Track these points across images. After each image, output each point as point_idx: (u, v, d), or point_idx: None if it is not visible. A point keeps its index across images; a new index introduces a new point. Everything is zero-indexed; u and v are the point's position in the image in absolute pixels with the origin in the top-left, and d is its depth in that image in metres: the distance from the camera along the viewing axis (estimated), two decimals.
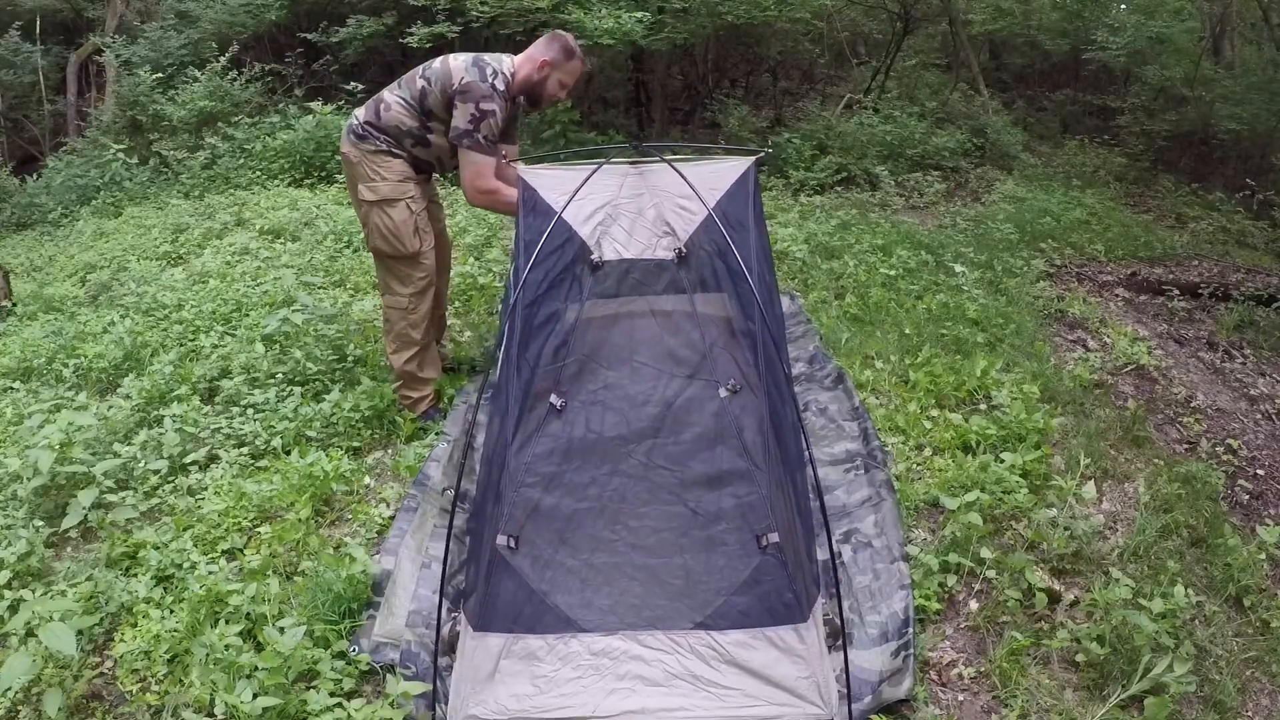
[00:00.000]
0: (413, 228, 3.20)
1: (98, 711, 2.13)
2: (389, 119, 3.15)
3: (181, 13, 9.99)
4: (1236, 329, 5.25)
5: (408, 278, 3.27)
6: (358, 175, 3.21)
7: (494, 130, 3.05)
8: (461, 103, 2.99)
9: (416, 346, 3.35)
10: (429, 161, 3.31)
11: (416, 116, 3.14)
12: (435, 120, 3.14)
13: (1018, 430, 3.34)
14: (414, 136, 3.17)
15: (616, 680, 2.04)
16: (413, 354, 3.36)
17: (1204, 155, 10.30)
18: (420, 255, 3.26)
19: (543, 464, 2.18)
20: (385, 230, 3.18)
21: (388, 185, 3.17)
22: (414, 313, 3.31)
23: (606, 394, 2.22)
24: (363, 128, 3.18)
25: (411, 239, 3.21)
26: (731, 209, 2.42)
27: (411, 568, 2.52)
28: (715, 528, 2.12)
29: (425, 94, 3.10)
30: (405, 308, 3.29)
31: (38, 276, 6.12)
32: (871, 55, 12.88)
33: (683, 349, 2.25)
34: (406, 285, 3.28)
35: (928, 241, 6.08)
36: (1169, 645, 2.27)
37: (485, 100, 2.97)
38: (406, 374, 3.39)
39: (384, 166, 3.17)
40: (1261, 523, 3.12)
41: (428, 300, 3.35)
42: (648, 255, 2.28)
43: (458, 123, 3.02)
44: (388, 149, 3.17)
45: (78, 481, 2.94)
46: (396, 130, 3.16)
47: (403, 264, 3.26)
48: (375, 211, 3.18)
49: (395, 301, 3.31)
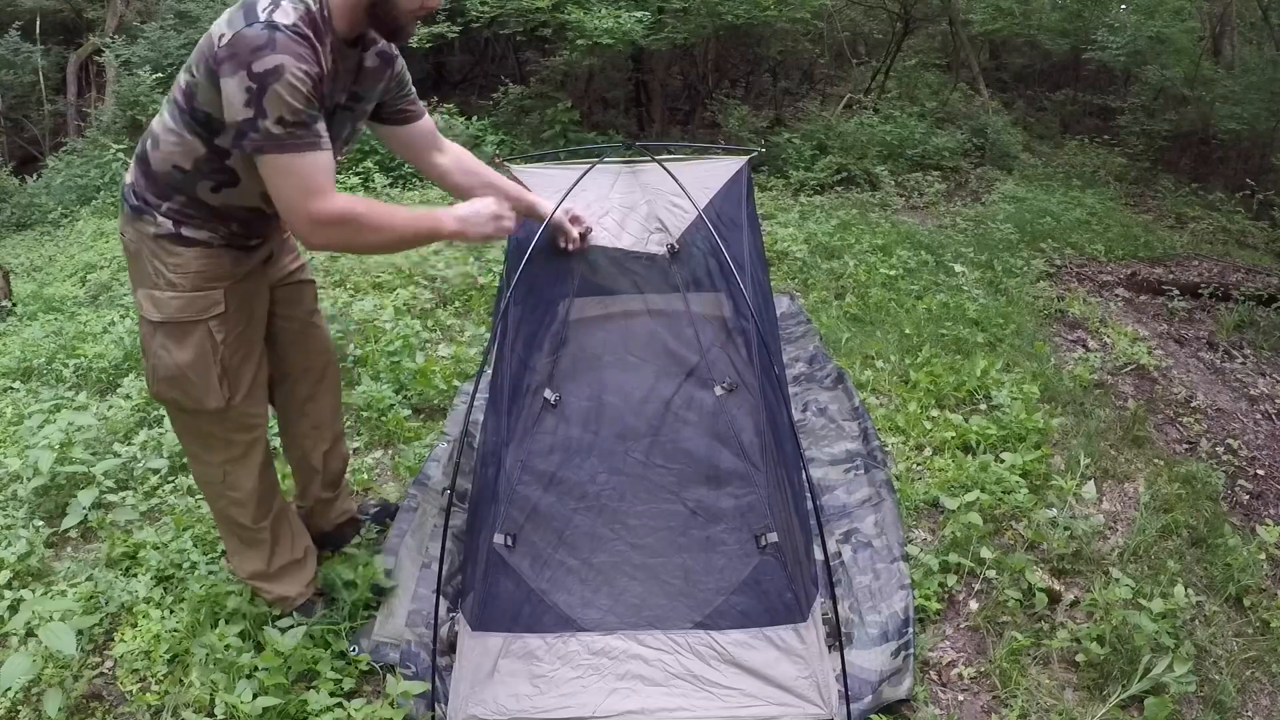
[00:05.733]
0: (217, 370, 1.97)
1: (98, 711, 2.13)
2: (161, 163, 1.86)
3: (181, 13, 9.98)
4: (1236, 329, 5.25)
5: (215, 440, 2.08)
6: (136, 274, 1.97)
7: (302, 102, 1.67)
8: (227, 76, 1.65)
9: (256, 544, 2.22)
10: (257, 214, 1.96)
11: (196, 134, 1.82)
12: (224, 128, 1.77)
13: (1018, 430, 3.34)
14: (209, 175, 1.86)
15: (616, 680, 2.04)
16: (255, 556, 2.24)
17: (1204, 155, 10.30)
18: (232, 409, 2.03)
19: (540, 463, 2.18)
20: (171, 372, 1.97)
21: (176, 298, 1.91)
22: (235, 489, 2.13)
23: (604, 393, 2.22)
24: (135, 190, 1.92)
25: (213, 389, 1.98)
26: (724, 209, 2.42)
27: (411, 567, 2.51)
28: (714, 527, 2.12)
29: (193, 92, 1.79)
30: (220, 481, 2.13)
31: (38, 276, 6.11)
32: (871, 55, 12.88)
33: (680, 348, 2.24)
34: (214, 450, 2.10)
35: (928, 241, 6.08)
36: (1169, 645, 2.27)
37: (260, 54, 1.63)
38: (256, 585, 2.29)
39: (171, 261, 1.90)
40: (1261, 523, 3.12)
41: (254, 467, 2.13)
42: (639, 249, 2.26)
43: (231, 114, 1.68)
44: (173, 227, 1.88)
45: (78, 481, 2.94)
46: (178, 180, 1.86)
47: (206, 422, 2.06)
48: (157, 340, 1.96)
49: (203, 472, 2.15)
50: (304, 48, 1.68)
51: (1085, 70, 12.31)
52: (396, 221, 1.86)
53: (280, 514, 2.26)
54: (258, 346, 2.10)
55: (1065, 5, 11.30)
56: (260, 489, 2.16)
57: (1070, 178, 8.76)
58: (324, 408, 2.42)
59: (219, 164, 1.85)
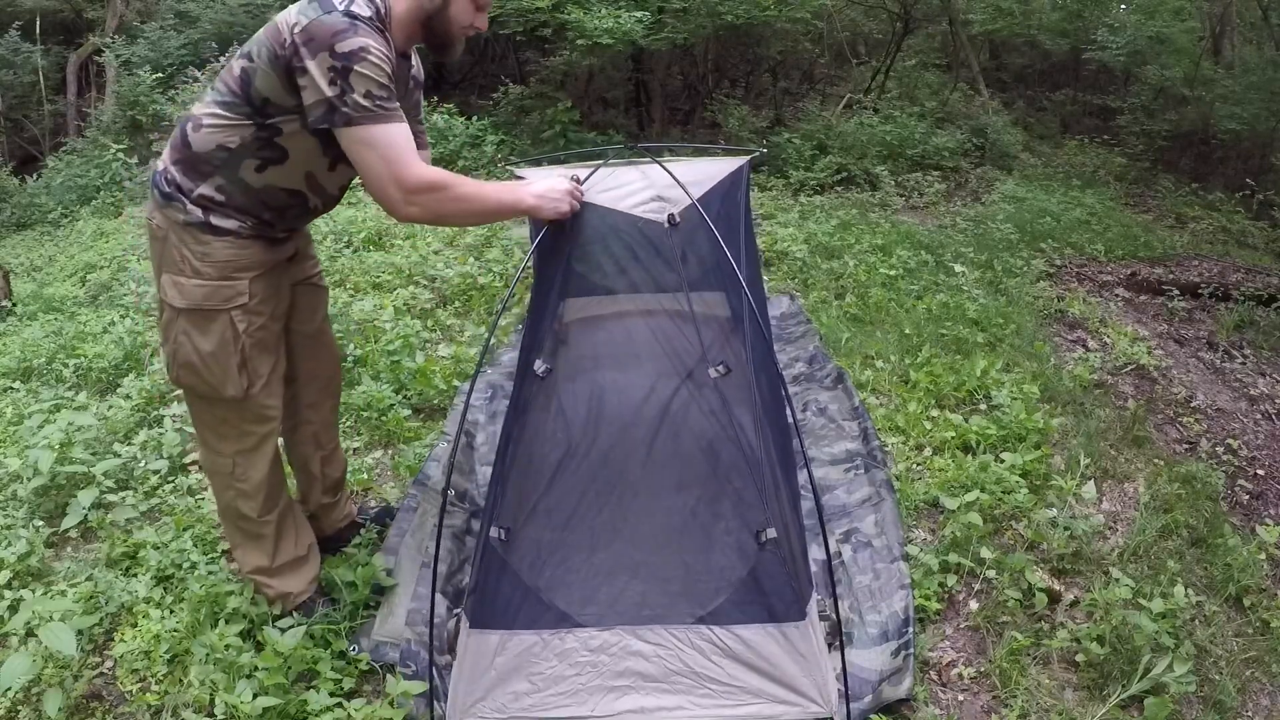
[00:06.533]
0: (237, 360, 1.99)
1: (98, 711, 2.13)
2: (203, 144, 1.91)
3: (181, 13, 10.00)
4: (1236, 329, 5.25)
5: (230, 429, 2.10)
6: (161, 259, 1.99)
7: (382, 79, 1.79)
8: (307, 59, 1.75)
9: (260, 539, 2.23)
10: (297, 196, 2.02)
11: (247, 117, 1.88)
12: (280, 112, 1.87)
13: (1018, 430, 3.34)
14: (254, 153, 1.92)
15: (614, 677, 2.04)
16: (258, 550, 2.24)
17: (1204, 155, 10.30)
18: (250, 399, 2.06)
19: (540, 460, 2.18)
20: (191, 358, 1.99)
21: (201, 286, 1.94)
22: (244, 480, 2.14)
23: (604, 392, 2.22)
24: (167, 177, 1.95)
25: (232, 377, 2.01)
26: (723, 207, 2.41)
27: (411, 567, 2.52)
28: (714, 525, 2.12)
29: (249, 78, 1.86)
30: (230, 472, 2.13)
31: (38, 276, 6.12)
32: (871, 55, 12.89)
33: (679, 347, 2.24)
34: (225, 439, 2.11)
35: (928, 241, 6.08)
36: (1169, 645, 2.27)
37: (342, 37, 1.74)
38: (259, 580, 2.29)
39: (199, 249, 1.93)
40: (1261, 523, 3.12)
41: (264, 460, 2.15)
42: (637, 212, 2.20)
43: (315, 94, 1.77)
44: (202, 215, 1.92)
45: (78, 481, 2.94)
46: (221, 160, 1.91)
47: (221, 410, 2.08)
48: (179, 325, 1.98)
49: (213, 462, 2.15)
50: (380, 38, 1.81)
51: (1085, 70, 12.31)
52: (485, 192, 1.98)
53: (286, 509, 2.27)
54: (278, 339, 2.13)
55: (1065, 5, 11.30)
56: (269, 482, 2.18)
57: (1070, 178, 8.76)
58: (324, 415, 2.46)
59: (267, 141, 1.91)
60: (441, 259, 5.28)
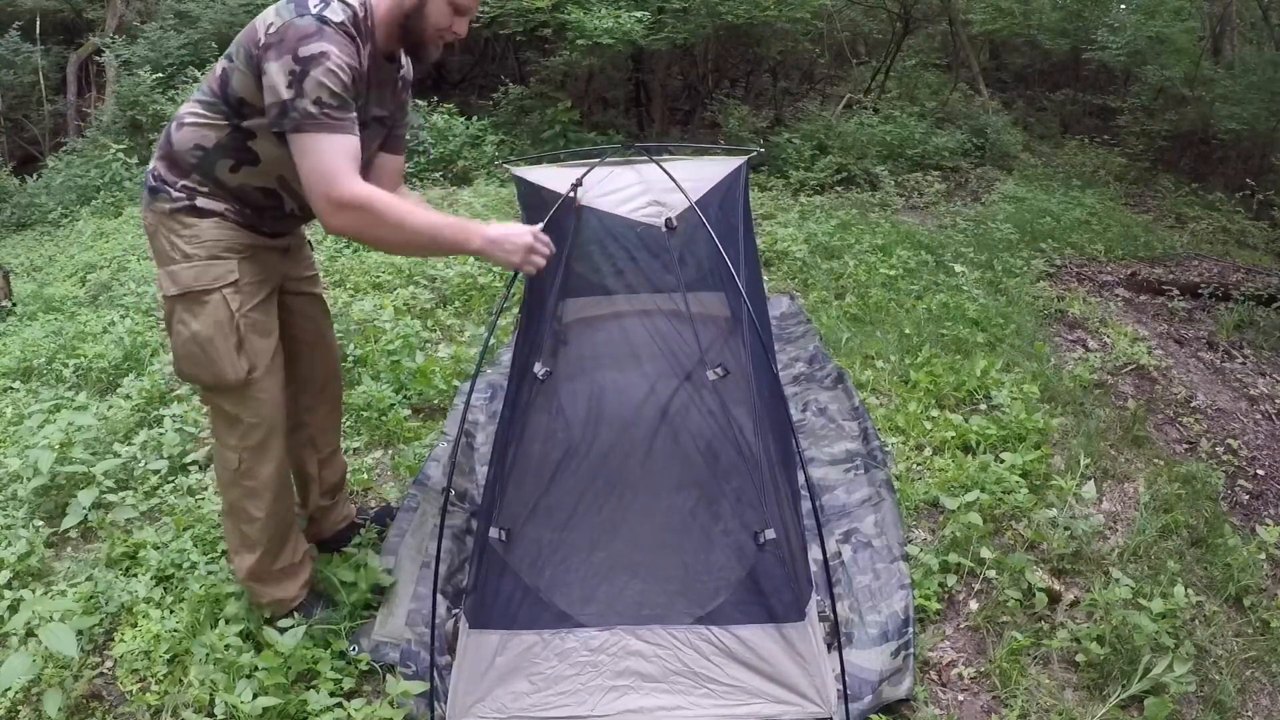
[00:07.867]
0: (234, 340, 1.98)
1: (98, 711, 2.13)
2: (183, 143, 1.95)
3: (181, 13, 9.99)
4: (1236, 329, 5.25)
5: (233, 420, 2.07)
6: (156, 256, 2.04)
7: (340, 88, 1.78)
8: (272, 60, 1.76)
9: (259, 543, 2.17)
10: (273, 196, 2.03)
11: (225, 117, 1.92)
12: (255, 114, 1.88)
13: (1018, 430, 3.34)
14: (228, 153, 1.95)
15: (614, 677, 2.04)
16: (257, 555, 2.19)
17: (1204, 155, 10.31)
18: (249, 385, 2.03)
19: (540, 460, 2.18)
20: (190, 346, 1.99)
21: (190, 268, 1.96)
22: (252, 478, 2.11)
23: (603, 393, 2.22)
24: (155, 174, 2.00)
25: (230, 360, 1.99)
26: (722, 206, 2.41)
27: (411, 567, 2.52)
28: (713, 525, 2.12)
29: (227, 78, 1.90)
30: (237, 469, 2.10)
31: (38, 276, 6.12)
32: (871, 55, 12.90)
33: (678, 348, 2.24)
34: (233, 433, 2.08)
35: (928, 241, 6.08)
36: (1169, 645, 2.27)
37: (307, 41, 1.75)
38: (253, 586, 2.25)
39: (186, 233, 1.96)
40: (1261, 523, 3.12)
41: (271, 458, 2.12)
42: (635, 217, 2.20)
43: (272, 95, 1.78)
44: (187, 199, 1.96)
45: (78, 481, 2.94)
46: (197, 157, 1.95)
47: (222, 398, 2.06)
48: (176, 314, 2.00)
49: (223, 459, 2.14)
50: (348, 44, 1.81)
51: (1085, 70, 12.31)
52: (415, 221, 1.85)
53: (287, 515, 2.27)
54: (275, 323, 2.12)
55: (1065, 5, 11.31)
56: (275, 481, 2.16)
57: (1070, 178, 8.77)
58: (322, 419, 2.46)
59: (240, 144, 1.94)
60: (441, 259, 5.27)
